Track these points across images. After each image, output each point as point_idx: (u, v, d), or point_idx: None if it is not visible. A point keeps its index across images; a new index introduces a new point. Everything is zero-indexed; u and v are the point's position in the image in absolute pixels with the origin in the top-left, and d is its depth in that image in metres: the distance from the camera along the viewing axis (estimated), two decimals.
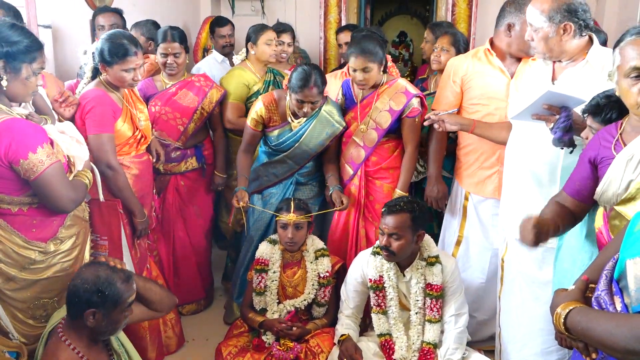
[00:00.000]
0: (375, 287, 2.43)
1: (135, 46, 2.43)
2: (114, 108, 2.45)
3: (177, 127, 3.01)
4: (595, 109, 1.83)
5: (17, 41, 1.78)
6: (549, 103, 1.96)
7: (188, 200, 3.17)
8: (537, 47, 2.14)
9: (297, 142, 2.77)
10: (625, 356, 1.13)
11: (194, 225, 3.23)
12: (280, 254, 2.67)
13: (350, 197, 2.81)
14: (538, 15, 2.08)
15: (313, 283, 2.63)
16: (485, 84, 2.67)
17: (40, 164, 1.81)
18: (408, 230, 2.30)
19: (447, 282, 2.43)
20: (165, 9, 4.25)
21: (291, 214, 2.59)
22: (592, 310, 1.28)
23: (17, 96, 1.87)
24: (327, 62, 4.81)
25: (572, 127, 1.95)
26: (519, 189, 2.32)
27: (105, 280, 1.82)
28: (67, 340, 1.83)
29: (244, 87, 3.21)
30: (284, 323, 2.51)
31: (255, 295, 2.65)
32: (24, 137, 1.80)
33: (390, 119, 2.74)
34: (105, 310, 1.81)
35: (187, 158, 3.12)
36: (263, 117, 2.79)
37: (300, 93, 2.59)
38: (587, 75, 2.09)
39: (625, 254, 1.23)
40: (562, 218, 1.82)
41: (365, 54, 2.62)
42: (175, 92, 3.01)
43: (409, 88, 2.76)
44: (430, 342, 2.38)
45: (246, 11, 5.02)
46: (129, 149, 2.56)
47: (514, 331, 2.40)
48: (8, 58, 1.77)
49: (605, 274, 1.31)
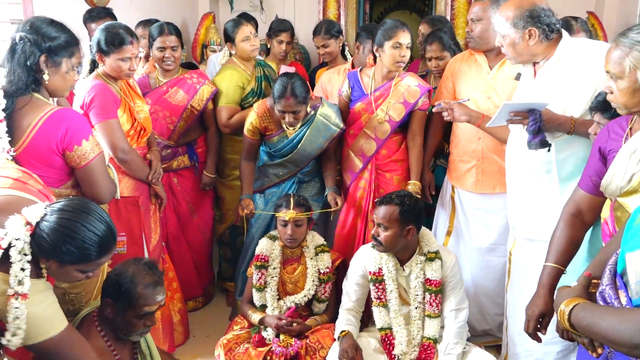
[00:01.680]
0: (375, 280, 2.43)
1: (131, 36, 2.45)
2: (114, 98, 2.47)
3: (167, 126, 3.00)
4: (603, 105, 1.85)
5: (57, 36, 1.87)
6: (512, 111, 2.07)
7: (182, 198, 3.17)
8: (507, 53, 2.23)
9: (295, 148, 2.80)
10: (631, 350, 1.12)
11: (189, 223, 3.22)
12: (280, 250, 2.67)
13: (360, 191, 2.85)
14: (503, 22, 2.16)
15: (313, 279, 2.63)
16: (468, 80, 2.75)
17: (91, 152, 1.93)
18: (395, 223, 2.30)
19: (447, 277, 2.43)
20: (163, 6, 4.24)
21: (291, 210, 2.59)
22: (595, 306, 1.28)
23: (57, 90, 1.95)
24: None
25: (540, 129, 2.03)
26: (521, 186, 2.36)
27: (129, 277, 1.82)
28: (99, 327, 1.84)
29: (238, 89, 3.13)
30: (284, 319, 2.51)
31: (256, 292, 2.65)
32: (79, 125, 1.92)
33: (404, 111, 2.77)
34: (119, 306, 1.81)
35: (178, 156, 3.11)
36: (258, 128, 2.83)
37: (279, 104, 2.63)
38: (561, 70, 2.15)
39: (625, 247, 1.23)
40: (576, 241, 1.84)
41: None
42: (166, 91, 2.99)
43: (421, 82, 2.81)
44: (430, 337, 2.39)
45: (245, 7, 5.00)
46: (130, 142, 2.56)
47: (521, 323, 2.41)
48: (50, 53, 1.85)
49: (609, 269, 1.31)
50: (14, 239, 1.44)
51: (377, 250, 2.41)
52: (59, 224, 1.47)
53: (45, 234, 1.46)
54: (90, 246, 1.50)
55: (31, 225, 1.47)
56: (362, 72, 2.91)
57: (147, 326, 1.87)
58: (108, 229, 1.56)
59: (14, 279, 1.43)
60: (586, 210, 1.84)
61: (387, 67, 2.75)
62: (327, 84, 3.30)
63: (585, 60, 2.11)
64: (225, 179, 3.33)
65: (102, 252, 1.54)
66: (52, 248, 1.47)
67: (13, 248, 1.44)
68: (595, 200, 1.81)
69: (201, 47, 4.36)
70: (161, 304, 1.89)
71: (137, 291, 1.80)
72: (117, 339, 1.87)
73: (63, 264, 1.51)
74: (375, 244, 2.39)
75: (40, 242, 1.47)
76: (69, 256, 1.48)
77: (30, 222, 1.47)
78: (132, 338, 1.91)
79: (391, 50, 2.68)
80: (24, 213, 1.48)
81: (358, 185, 2.89)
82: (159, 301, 1.87)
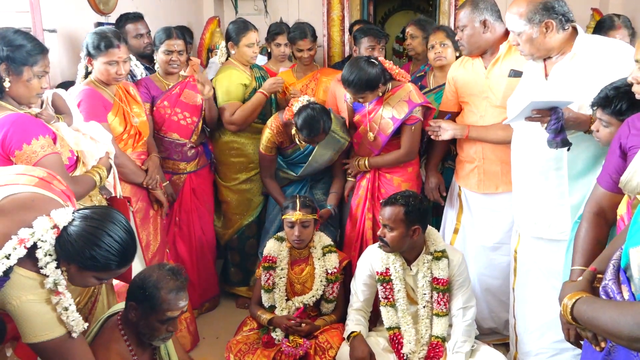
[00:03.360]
0: (383, 280, 2.45)
1: (118, 40, 2.48)
2: (104, 102, 2.50)
3: (188, 127, 3.04)
4: (605, 101, 1.82)
5: (19, 45, 1.88)
6: (536, 109, 2.01)
7: (202, 198, 3.21)
8: (523, 50, 2.18)
9: (307, 158, 2.92)
10: (630, 343, 1.13)
11: (207, 222, 3.27)
12: (287, 251, 2.69)
13: (362, 190, 2.93)
14: (517, 19, 2.12)
15: (321, 279, 2.65)
16: (466, 82, 2.75)
17: (33, 155, 1.86)
18: (401, 224, 2.31)
19: (454, 276, 2.44)
20: (168, 10, 4.26)
21: (297, 212, 2.61)
22: (597, 300, 1.29)
23: (21, 97, 1.94)
24: (330, 59, 4.81)
25: (563, 127, 1.98)
26: (528, 184, 2.34)
27: (153, 281, 1.83)
28: (122, 330, 1.86)
29: (241, 87, 3.17)
30: (292, 320, 2.53)
31: (264, 293, 2.67)
32: (20, 129, 1.86)
33: (393, 126, 2.78)
34: (142, 310, 1.82)
35: (199, 155, 3.17)
36: (275, 142, 2.96)
37: (308, 138, 2.76)
38: (576, 67, 2.11)
39: (629, 242, 1.24)
40: (603, 241, 1.78)
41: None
42: (180, 93, 3.03)
43: (413, 97, 2.76)
44: (439, 336, 2.40)
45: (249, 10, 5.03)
46: (125, 146, 2.59)
47: (530, 321, 2.42)
48: (9, 61, 1.86)
49: (613, 264, 1.32)
50: (40, 240, 1.49)
51: (384, 250, 2.42)
52: (86, 231, 1.51)
53: (72, 239, 1.50)
54: (113, 255, 1.53)
55: (58, 228, 1.52)
56: None
57: (169, 331, 1.87)
58: (132, 240, 1.60)
59: (51, 282, 1.51)
60: (608, 208, 1.77)
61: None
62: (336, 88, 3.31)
63: (603, 57, 2.07)
64: (231, 183, 3.32)
65: (123, 262, 1.58)
66: (77, 253, 1.51)
67: (39, 250, 1.49)
68: (616, 198, 1.74)
69: (207, 51, 4.38)
70: (184, 310, 1.90)
71: (160, 296, 1.81)
72: (138, 344, 1.89)
73: (83, 270, 1.55)
74: (382, 244, 2.40)
75: (66, 246, 1.51)
76: (92, 262, 1.52)
77: (57, 225, 1.51)
78: (155, 343, 1.92)
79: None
80: (52, 216, 1.52)
81: (360, 185, 2.96)
82: (181, 307, 1.87)
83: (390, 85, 2.78)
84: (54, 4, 2.94)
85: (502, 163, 2.64)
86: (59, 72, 2.96)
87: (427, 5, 6.96)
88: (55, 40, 2.92)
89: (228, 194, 3.34)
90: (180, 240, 3.14)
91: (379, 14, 7.26)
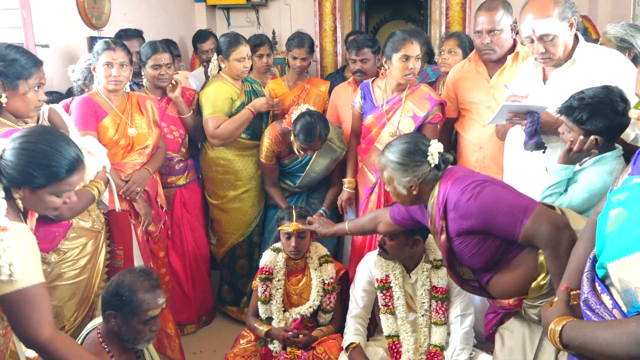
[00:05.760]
0: (382, 287, 2.44)
1: (114, 43, 2.56)
2: (96, 110, 2.54)
3: (175, 140, 3.04)
4: (568, 110, 1.90)
5: (13, 59, 1.90)
6: (511, 112, 2.06)
7: (193, 212, 3.20)
8: (554, 54, 2.10)
9: (304, 168, 2.94)
10: None
11: (200, 236, 3.26)
12: (284, 262, 2.68)
13: (371, 204, 2.89)
14: (550, 22, 2.04)
15: (318, 290, 2.64)
16: (468, 89, 2.76)
17: None
18: (401, 233, 2.31)
19: (453, 284, 2.42)
20: (160, 23, 4.28)
21: (294, 222, 2.61)
22: (585, 324, 1.24)
23: (19, 111, 1.96)
24: (324, 69, 4.84)
25: (537, 131, 2.03)
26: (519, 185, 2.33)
27: (127, 285, 1.83)
28: (104, 343, 1.85)
29: (227, 100, 3.05)
30: (290, 331, 2.51)
31: (261, 304, 2.66)
32: None
33: (414, 125, 2.73)
34: (123, 316, 1.81)
35: (188, 169, 3.15)
36: (274, 151, 2.97)
37: (305, 145, 2.77)
38: (575, 74, 2.12)
39: (604, 258, 1.20)
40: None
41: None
42: (166, 106, 3.03)
43: (432, 94, 2.77)
44: (437, 345, 2.39)
45: (242, 22, 5.06)
46: (114, 156, 2.57)
47: None
48: (4, 76, 1.88)
49: (586, 276, 1.28)
50: None
51: (383, 258, 2.42)
52: (20, 148, 1.50)
53: (9, 162, 1.49)
54: (55, 163, 1.51)
55: None
56: (374, 84, 2.88)
57: (153, 331, 1.88)
58: (69, 145, 1.57)
59: None
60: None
61: (395, 79, 2.72)
62: (337, 99, 3.33)
63: (602, 66, 2.08)
64: (218, 202, 3.23)
65: (70, 169, 1.55)
66: (19, 173, 1.49)
67: None
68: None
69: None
70: (163, 307, 1.90)
71: (138, 297, 1.81)
72: (121, 354, 1.88)
73: (34, 189, 1.52)
74: (381, 252, 2.40)
75: (7, 171, 1.49)
76: (38, 178, 1.50)
77: None
78: (140, 346, 1.92)
79: (399, 62, 2.65)
80: None
81: (370, 199, 2.90)
82: (160, 304, 1.88)
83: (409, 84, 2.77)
84: (47, 19, 2.95)
85: (502, 171, 2.63)
86: (55, 86, 2.96)
87: (418, 14, 7.01)
88: (49, 55, 2.93)
89: (217, 213, 3.27)
90: (174, 254, 3.12)
91: (371, 24, 7.31)
